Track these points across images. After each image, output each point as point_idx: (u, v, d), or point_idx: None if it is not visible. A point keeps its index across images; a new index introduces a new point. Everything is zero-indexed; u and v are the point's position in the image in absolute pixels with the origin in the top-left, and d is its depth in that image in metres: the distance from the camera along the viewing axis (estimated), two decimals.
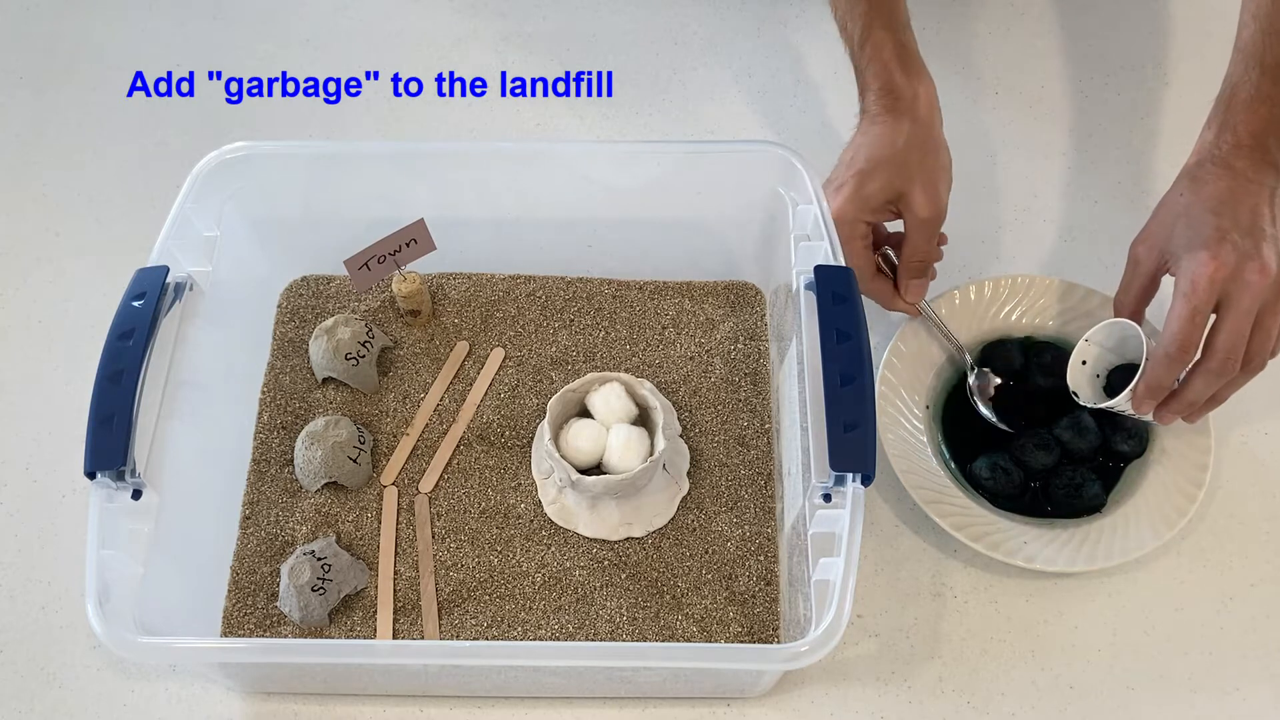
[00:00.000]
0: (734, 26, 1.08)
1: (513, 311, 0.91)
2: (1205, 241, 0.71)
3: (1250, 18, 0.76)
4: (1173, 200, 0.76)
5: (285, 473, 0.83)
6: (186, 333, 0.76)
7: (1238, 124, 0.75)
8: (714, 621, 0.77)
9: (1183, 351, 0.71)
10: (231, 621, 0.78)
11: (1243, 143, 0.74)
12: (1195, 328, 0.71)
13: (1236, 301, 0.70)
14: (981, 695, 0.76)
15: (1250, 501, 0.83)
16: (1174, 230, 0.74)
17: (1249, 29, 0.76)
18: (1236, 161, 0.74)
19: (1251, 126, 0.74)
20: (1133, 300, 0.78)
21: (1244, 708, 0.75)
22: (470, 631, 0.77)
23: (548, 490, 0.82)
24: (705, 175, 0.85)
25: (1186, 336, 0.71)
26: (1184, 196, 0.75)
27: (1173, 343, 0.71)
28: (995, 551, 0.77)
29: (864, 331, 0.71)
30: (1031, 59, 1.06)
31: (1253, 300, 0.70)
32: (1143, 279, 0.77)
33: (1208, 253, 0.70)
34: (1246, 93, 0.75)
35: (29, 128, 1.04)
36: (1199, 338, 0.71)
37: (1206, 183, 0.74)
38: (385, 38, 1.09)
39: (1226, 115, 0.76)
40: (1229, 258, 0.70)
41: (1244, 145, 0.74)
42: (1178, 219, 0.75)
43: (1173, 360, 0.72)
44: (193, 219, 0.80)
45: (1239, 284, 0.70)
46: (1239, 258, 0.70)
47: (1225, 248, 0.70)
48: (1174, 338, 0.71)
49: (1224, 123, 0.76)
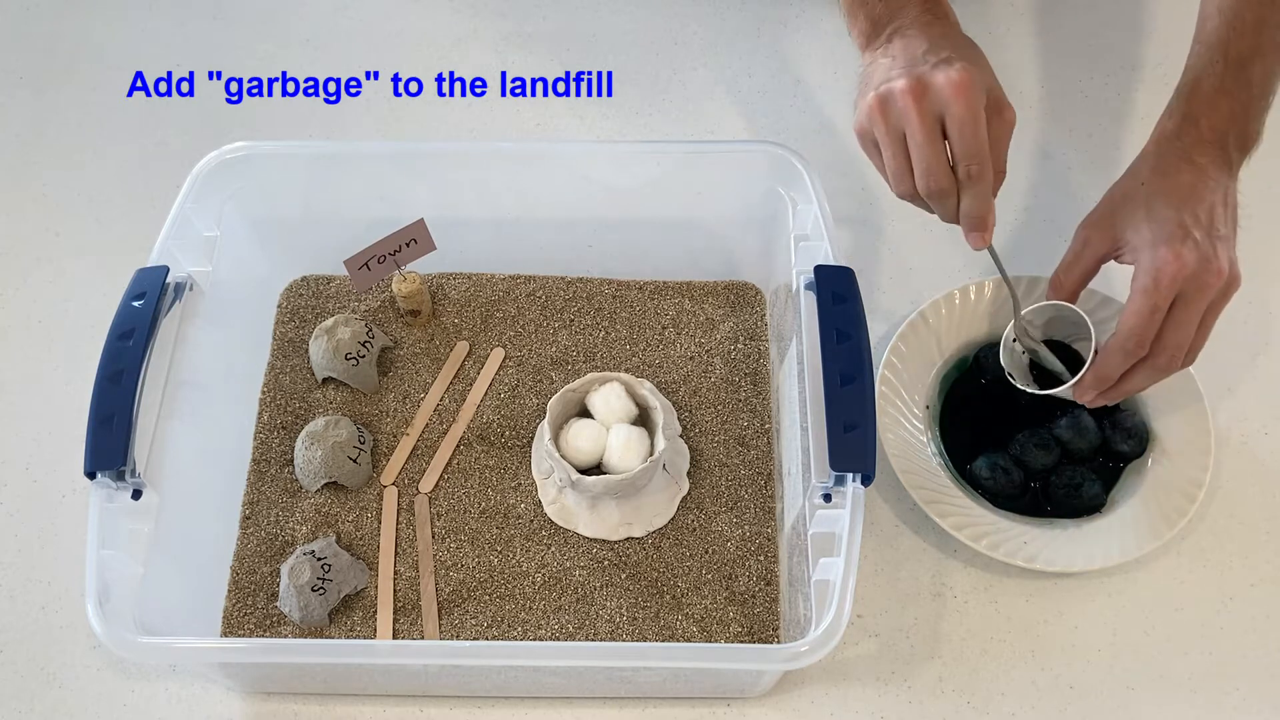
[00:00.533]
0: (734, 26, 1.08)
1: (513, 311, 0.91)
2: (1169, 237, 0.70)
3: (1215, 10, 0.76)
4: (1131, 188, 0.75)
5: (285, 473, 0.83)
6: (186, 333, 0.77)
7: (1200, 116, 0.74)
8: (714, 621, 0.77)
9: (1139, 346, 0.71)
10: (231, 621, 0.78)
11: (1205, 137, 0.74)
12: (1153, 324, 0.70)
13: (1193, 301, 0.70)
14: (981, 695, 0.76)
15: (1250, 501, 0.83)
16: (1132, 218, 0.73)
17: (1213, 21, 0.75)
18: (1199, 156, 0.74)
19: (1213, 120, 0.74)
20: (1074, 281, 0.77)
21: (1244, 708, 0.75)
22: (470, 631, 0.77)
23: (548, 490, 0.82)
24: (705, 175, 0.85)
25: (1144, 332, 0.70)
26: (1145, 185, 0.74)
27: (1130, 337, 0.70)
28: (995, 551, 0.77)
29: (864, 331, 0.71)
30: (1031, 59, 1.06)
31: (1204, 301, 0.70)
32: (1088, 261, 0.76)
33: (1171, 250, 0.70)
34: (1210, 85, 0.74)
35: (29, 128, 1.04)
36: (1153, 333, 0.71)
37: (1169, 174, 0.73)
38: (385, 38, 1.08)
39: (1189, 106, 0.75)
40: (1190, 257, 0.69)
41: (1206, 140, 0.74)
42: (1136, 207, 0.73)
43: (1128, 354, 0.71)
44: (193, 219, 0.80)
45: (1197, 284, 0.69)
46: (1199, 258, 0.70)
47: (1188, 246, 0.70)
48: (1132, 332, 0.70)
49: (1186, 114, 0.75)
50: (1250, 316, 0.90)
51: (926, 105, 0.67)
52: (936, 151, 0.68)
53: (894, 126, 0.69)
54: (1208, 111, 0.74)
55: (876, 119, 0.69)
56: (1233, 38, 0.74)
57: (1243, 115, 0.74)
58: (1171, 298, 0.70)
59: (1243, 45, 0.74)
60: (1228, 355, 0.88)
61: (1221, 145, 0.74)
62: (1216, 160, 0.74)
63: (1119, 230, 0.74)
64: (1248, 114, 0.74)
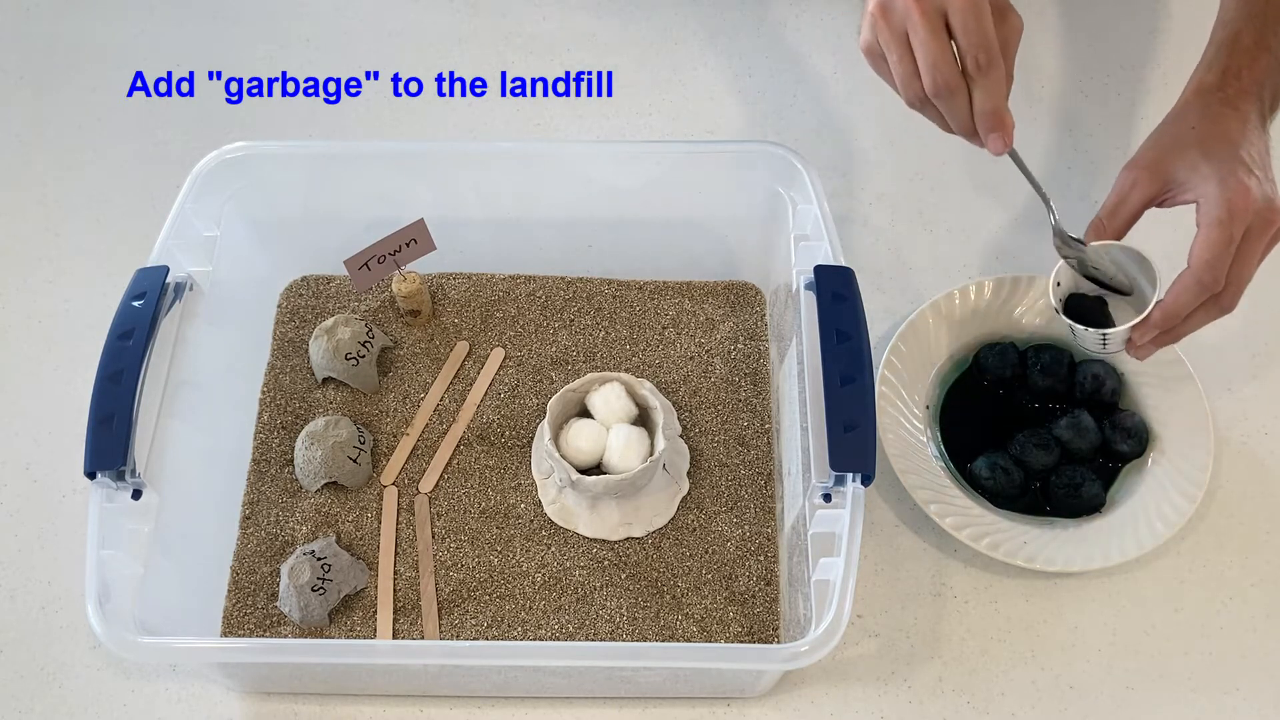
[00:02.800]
0: (734, 26, 1.08)
1: (513, 311, 0.91)
2: (1234, 172, 0.69)
3: None
4: (1180, 132, 0.73)
5: (285, 473, 0.83)
6: (186, 333, 0.77)
7: (1242, 69, 0.74)
8: (714, 621, 0.77)
9: (1215, 281, 0.68)
10: (231, 621, 0.78)
11: (1246, 89, 0.73)
12: (1228, 256, 0.68)
13: (1257, 237, 0.69)
14: (981, 695, 0.76)
15: (1250, 501, 0.83)
16: (1185, 158, 0.72)
17: None
18: (1243, 105, 0.73)
19: (1254, 74, 0.74)
20: (1119, 225, 0.74)
21: (1244, 708, 0.75)
22: (470, 631, 0.77)
23: (548, 490, 0.82)
24: (705, 175, 0.85)
25: (1220, 264, 0.68)
26: (1195, 130, 0.73)
27: (1206, 270, 0.68)
28: (995, 551, 0.77)
29: (864, 331, 0.71)
30: (1031, 59, 1.06)
31: (1267, 237, 0.69)
32: (1135, 204, 0.73)
33: (1241, 183, 0.68)
34: (1250, 39, 0.74)
35: (29, 128, 1.03)
36: (1228, 266, 0.68)
37: (1218, 121, 0.73)
38: (385, 38, 1.08)
39: (1230, 60, 0.74)
40: (1257, 191, 0.68)
41: (1248, 91, 0.73)
42: (1188, 148, 0.72)
43: (1203, 287, 0.69)
44: (193, 219, 0.80)
45: (1262, 220, 0.68)
46: (1264, 194, 0.69)
47: (1254, 181, 0.69)
48: (1208, 265, 0.68)
49: (1227, 68, 0.74)
50: (1250, 316, 0.90)
51: (928, 3, 0.65)
52: (941, 46, 0.66)
53: (897, 29, 0.67)
54: (1249, 65, 0.74)
55: (880, 25, 0.67)
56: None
57: (1278, 72, 0.74)
58: (1244, 230, 0.68)
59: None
60: (1228, 355, 0.88)
61: (1260, 98, 0.74)
62: (1258, 111, 0.73)
63: (1171, 171, 0.72)
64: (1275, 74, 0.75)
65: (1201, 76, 0.76)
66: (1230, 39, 0.75)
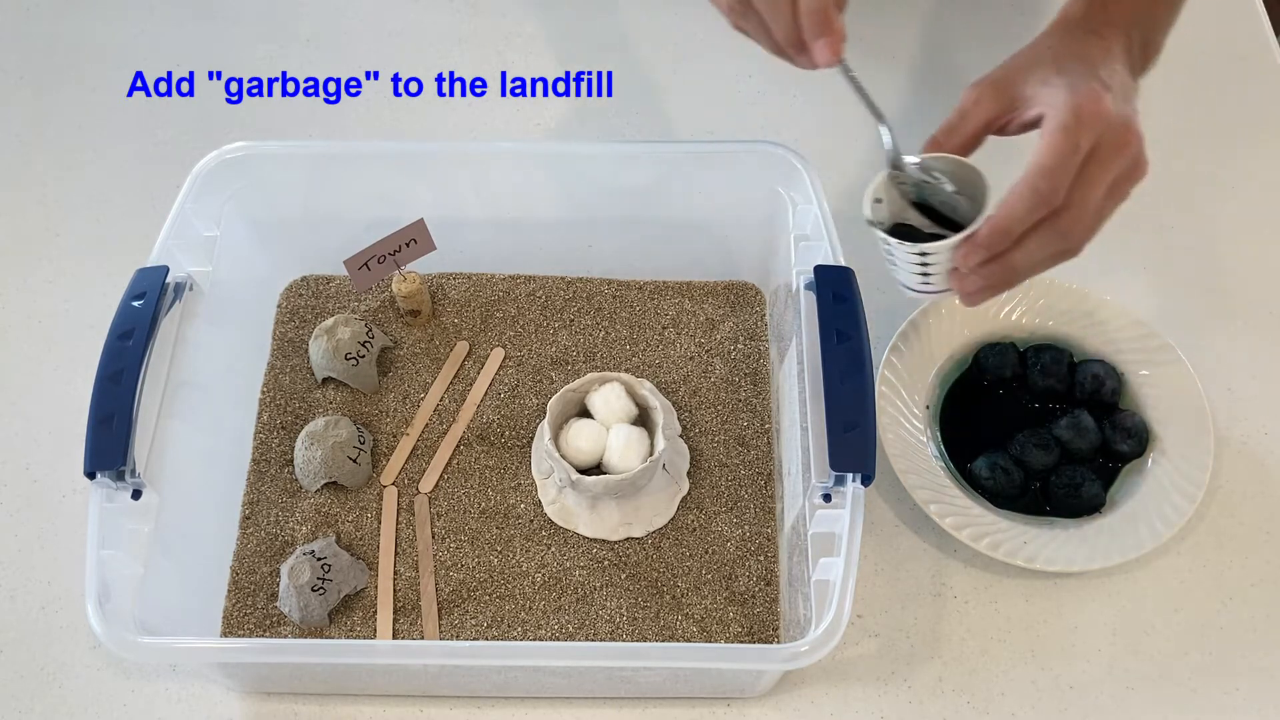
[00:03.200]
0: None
1: (513, 311, 0.91)
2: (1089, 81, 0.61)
3: None
4: (1036, 53, 0.66)
5: (285, 473, 0.83)
6: (186, 333, 0.77)
7: (1110, 6, 0.69)
8: (714, 621, 0.77)
9: (1052, 191, 0.59)
10: (231, 621, 0.78)
11: (1113, 21, 0.67)
12: (1070, 166, 0.59)
13: (1108, 159, 0.60)
14: (981, 695, 0.76)
15: (1250, 501, 0.83)
16: (1037, 73, 0.64)
17: None
18: (1106, 34, 0.67)
19: (1120, 10, 0.68)
20: (956, 145, 0.65)
21: (1244, 708, 0.75)
22: (470, 631, 0.77)
23: (548, 490, 0.82)
24: (705, 175, 0.85)
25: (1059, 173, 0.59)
26: (1052, 50, 0.66)
27: (1043, 177, 0.59)
28: (995, 551, 0.77)
29: (864, 331, 0.71)
30: None
31: (1119, 162, 0.60)
32: (976, 122, 0.65)
33: (1093, 91, 0.60)
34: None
35: (29, 128, 1.03)
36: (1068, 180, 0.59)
37: (1077, 41, 0.66)
38: (385, 38, 1.08)
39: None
40: (1110, 108, 0.60)
41: (1114, 24, 0.67)
42: (1042, 65, 0.64)
43: (1038, 197, 0.59)
44: (193, 219, 0.80)
45: (1114, 140, 0.60)
46: (1119, 114, 0.60)
47: (1108, 97, 0.61)
48: (1046, 172, 0.59)
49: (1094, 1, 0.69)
50: (1250, 316, 0.90)
51: None
52: None
53: None
54: (1119, 4, 0.69)
55: None
56: None
57: (1148, 18, 0.69)
58: (1091, 142, 0.59)
59: None
60: (1227, 355, 0.88)
61: (1128, 35, 0.68)
62: (1123, 45, 0.67)
63: (1019, 86, 0.64)
64: (1154, 18, 0.70)
65: (1067, 10, 0.69)
66: None
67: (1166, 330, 0.85)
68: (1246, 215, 0.96)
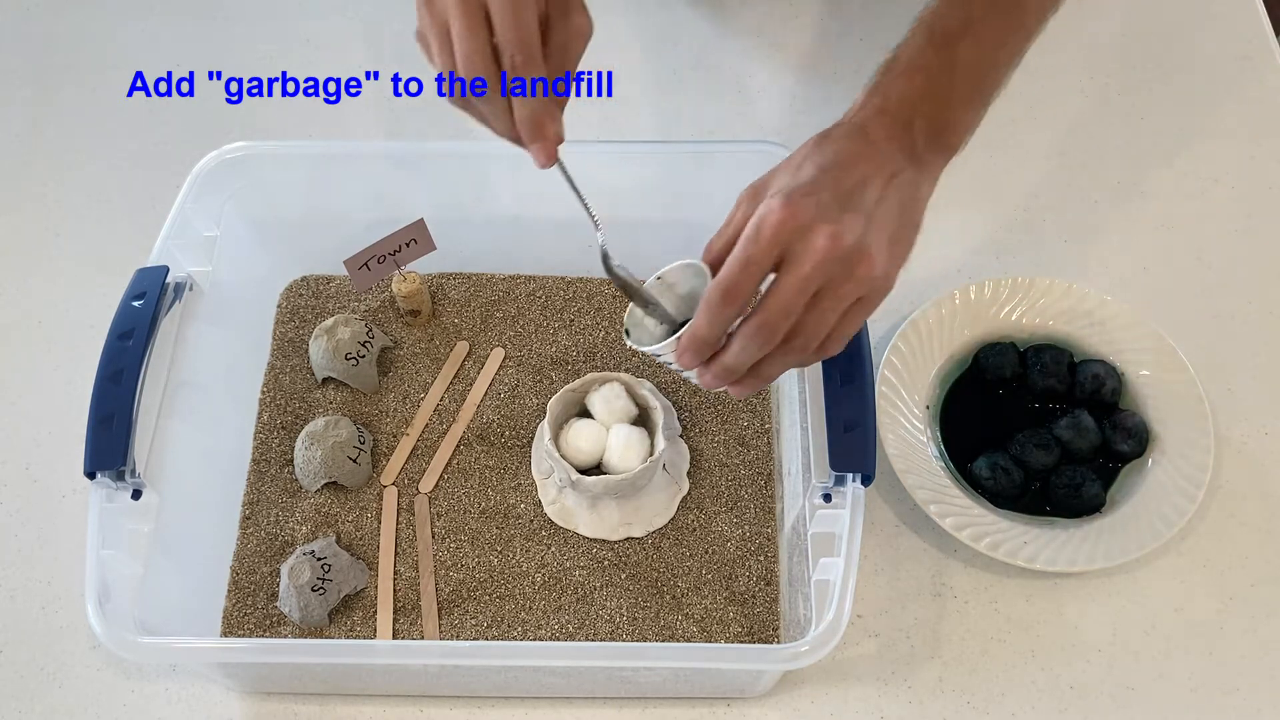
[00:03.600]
0: (734, 26, 1.08)
1: (513, 311, 0.91)
2: (790, 190, 0.61)
3: None
4: (795, 155, 0.66)
5: (285, 473, 0.83)
6: (186, 333, 0.77)
7: (890, 90, 0.66)
8: (714, 621, 0.77)
9: (727, 298, 0.61)
10: (231, 621, 0.78)
11: (888, 109, 0.65)
12: (748, 276, 0.60)
13: (796, 264, 0.60)
14: (981, 695, 0.76)
15: (1250, 501, 0.83)
16: (779, 178, 0.64)
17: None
18: (873, 128, 0.64)
19: (903, 94, 0.65)
20: (720, 247, 0.66)
21: (1244, 708, 0.75)
22: (470, 631, 0.77)
23: (548, 490, 0.82)
24: (705, 175, 0.85)
25: (735, 284, 0.60)
26: (807, 148, 0.65)
27: (717, 288, 0.61)
28: (995, 551, 0.77)
29: (864, 331, 0.71)
30: (1032, 59, 1.06)
31: (815, 269, 0.59)
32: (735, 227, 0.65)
33: (785, 200, 0.60)
34: (907, 59, 0.66)
35: (29, 128, 1.03)
36: (750, 288, 0.61)
37: (832, 142, 0.64)
38: (385, 38, 1.08)
39: (881, 79, 0.67)
40: (805, 213, 0.60)
41: (888, 112, 0.65)
42: (789, 167, 0.65)
43: (717, 307, 0.61)
44: (193, 219, 0.80)
45: (804, 244, 0.59)
46: (815, 217, 0.60)
47: (807, 202, 0.60)
48: (720, 283, 0.61)
49: (876, 86, 0.66)
50: (1250, 316, 0.90)
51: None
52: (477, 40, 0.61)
53: (439, 17, 0.62)
54: (899, 84, 0.65)
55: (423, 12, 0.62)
56: (944, 10, 0.66)
57: (941, 98, 0.65)
58: (773, 252, 0.60)
59: (950, 21, 0.66)
60: (1228, 355, 0.88)
61: (907, 125, 0.65)
62: (896, 139, 0.64)
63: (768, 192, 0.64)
64: (948, 98, 0.65)
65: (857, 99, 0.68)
66: (891, 59, 0.67)
67: (1166, 330, 0.85)
68: (1246, 215, 0.96)
